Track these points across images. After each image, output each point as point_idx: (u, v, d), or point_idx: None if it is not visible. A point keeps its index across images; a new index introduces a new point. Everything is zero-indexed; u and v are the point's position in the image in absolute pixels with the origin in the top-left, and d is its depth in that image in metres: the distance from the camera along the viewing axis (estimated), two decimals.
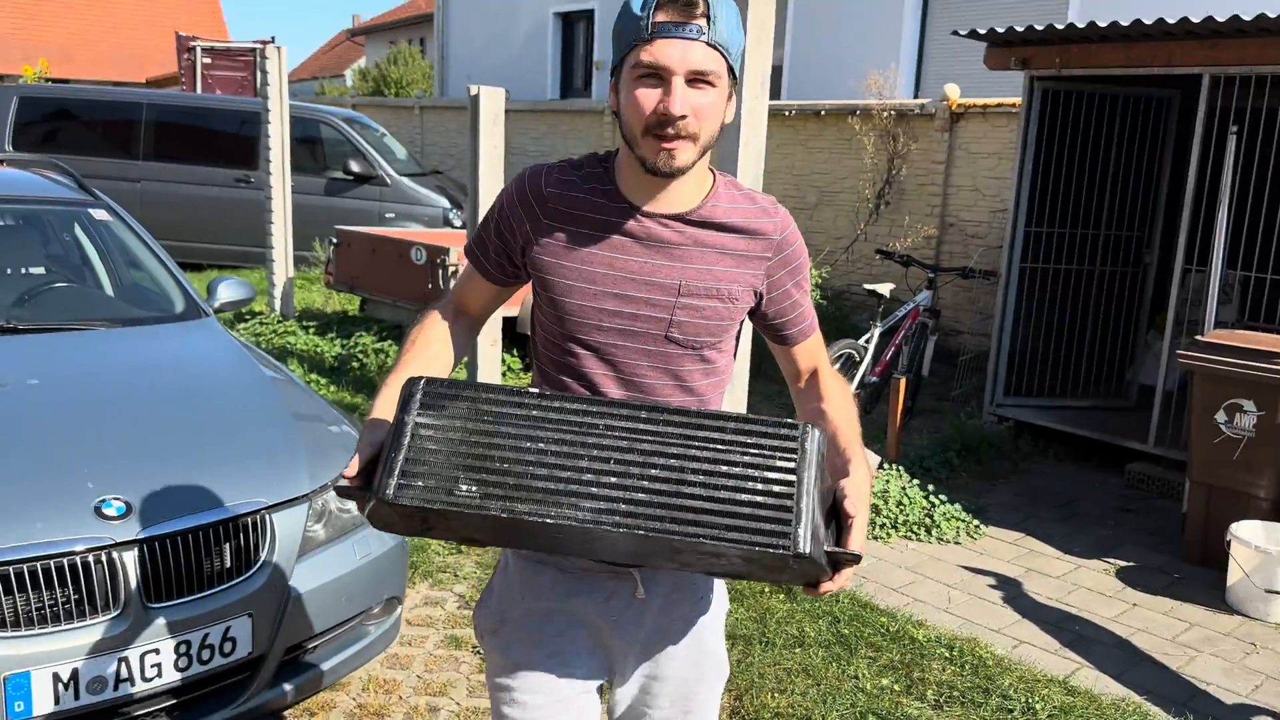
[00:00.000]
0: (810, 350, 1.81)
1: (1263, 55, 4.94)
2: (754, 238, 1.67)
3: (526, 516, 1.29)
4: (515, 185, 1.68)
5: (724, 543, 1.27)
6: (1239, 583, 4.11)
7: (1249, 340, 4.44)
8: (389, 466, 1.34)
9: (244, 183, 10.47)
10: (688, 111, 1.49)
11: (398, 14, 33.03)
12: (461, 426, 1.36)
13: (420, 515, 1.34)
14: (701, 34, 1.48)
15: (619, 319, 1.63)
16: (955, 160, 8.33)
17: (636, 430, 1.35)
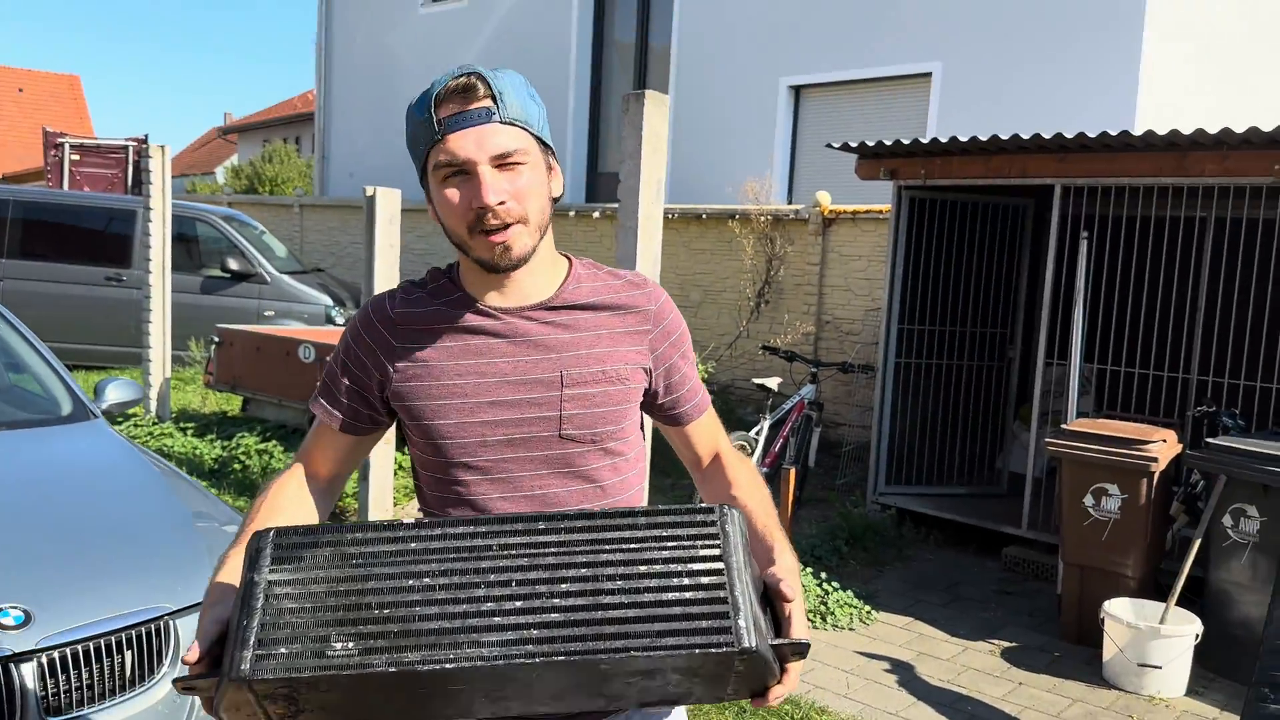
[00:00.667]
0: (707, 429, 1.68)
1: (1108, 169, 5.43)
2: (628, 312, 1.55)
3: (420, 666, 1.07)
4: (358, 318, 1.56)
5: (659, 651, 1.10)
6: (1114, 658, 4.34)
7: (1110, 428, 4.77)
8: (240, 638, 1.11)
9: (115, 281, 10.17)
10: (505, 197, 1.40)
11: (271, 113, 32.87)
12: (325, 577, 1.15)
13: (287, 694, 1.10)
14: (491, 116, 1.40)
15: (503, 428, 1.46)
16: (829, 262, 8.75)
17: (536, 545, 1.18)
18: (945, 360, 6.77)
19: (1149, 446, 4.59)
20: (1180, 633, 4.23)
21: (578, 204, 11.69)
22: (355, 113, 16.13)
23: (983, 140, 5.63)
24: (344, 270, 13.49)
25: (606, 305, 1.54)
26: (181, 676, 1.18)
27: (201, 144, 40.56)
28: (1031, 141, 5.49)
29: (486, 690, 1.14)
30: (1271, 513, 4.27)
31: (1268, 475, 4.23)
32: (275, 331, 7.66)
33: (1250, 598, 4.34)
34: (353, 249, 13.65)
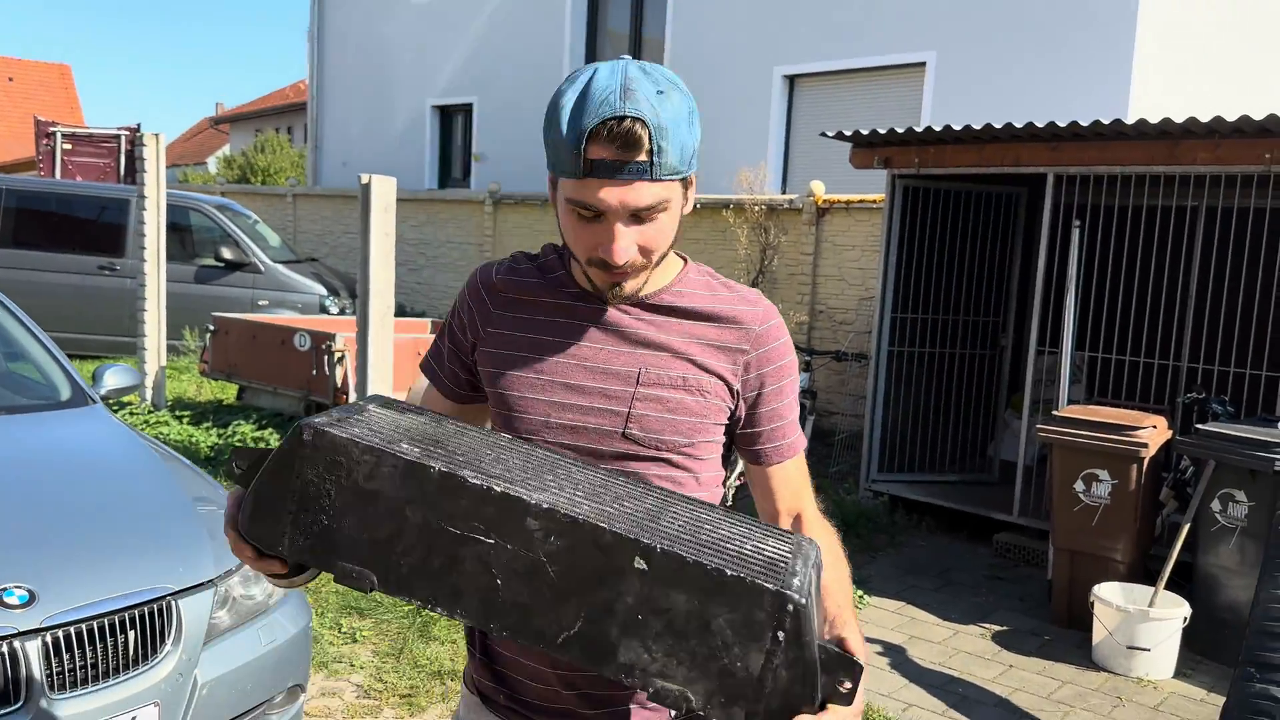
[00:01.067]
0: (792, 481, 1.52)
1: (1100, 157, 5.47)
2: (729, 327, 1.44)
3: (471, 478, 1.08)
4: (467, 282, 1.54)
5: (702, 560, 1.04)
6: (1103, 641, 4.39)
7: (1101, 414, 4.82)
8: (325, 414, 1.18)
9: (109, 270, 10.15)
10: (632, 256, 1.33)
11: (264, 102, 32.79)
12: (418, 423, 1.23)
13: (328, 483, 1.12)
14: (644, 173, 1.27)
15: (569, 413, 1.41)
16: (822, 251, 8.78)
17: (612, 480, 1.22)
18: (938, 349, 6.81)
19: (1139, 433, 4.63)
20: (1169, 616, 4.28)
21: None
22: (348, 102, 16.11)
23: (976, 129, 5.67)
24: (338, 260, 13.49)
25: (707, 314, 1.44)
26: (242, 447, 1.22)
27: (193, 134, 40.43)
28: (1024, 130, 5.52)
29: (506, 564, 1.08)
30: (1259, 498, 4.33)
31: (1256, 460, 4.28)
32: (271, 320, 7.67)
33: (1238, 581, 4.40)
34: (346, 239, 13.65)
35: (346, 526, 1.13)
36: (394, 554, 1.12)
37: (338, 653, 4.07)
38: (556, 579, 1.07)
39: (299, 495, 1.14)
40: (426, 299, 12.69)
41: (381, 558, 1.12)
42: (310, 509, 1.14)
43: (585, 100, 1.28)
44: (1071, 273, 5.66)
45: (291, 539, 1.15)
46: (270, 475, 1.15)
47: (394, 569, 1.12)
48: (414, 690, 3.78)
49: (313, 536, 1.14)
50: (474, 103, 14.18)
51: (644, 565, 1.04)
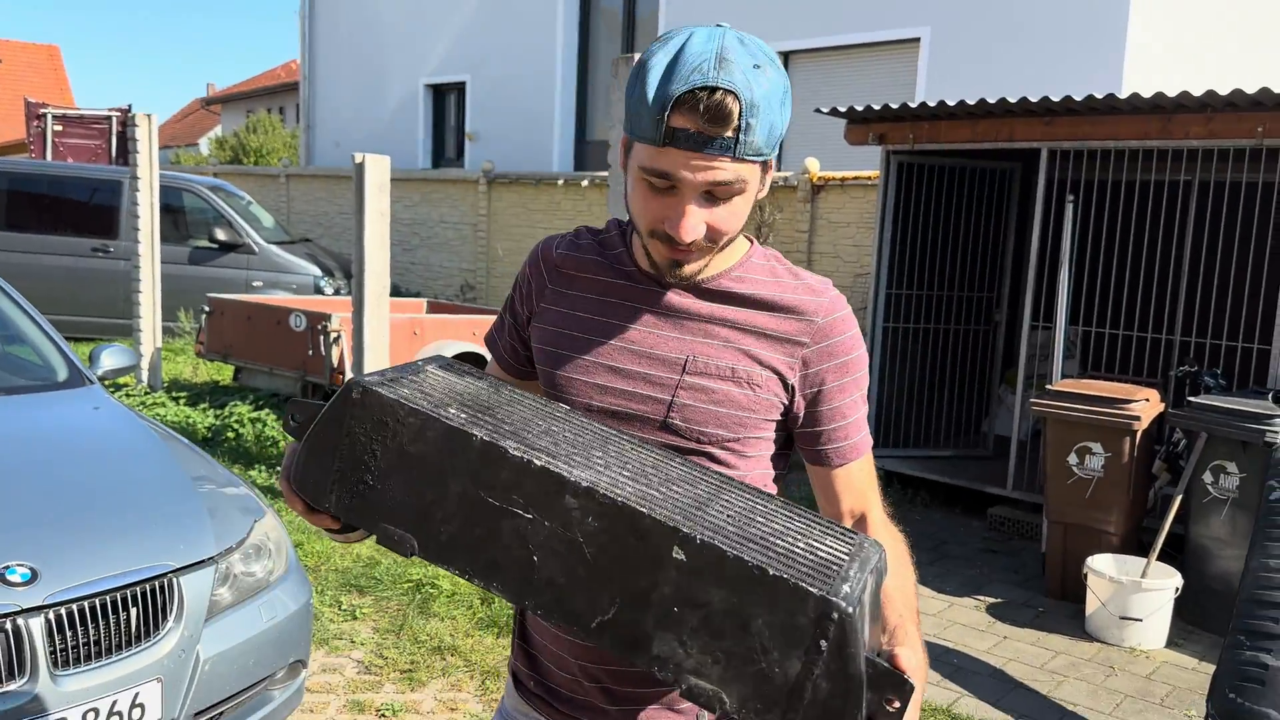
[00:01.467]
0: (855, 484, 1.40)
1: (1094, 131, 5.47)
2: (789, 317, 1.35)
3: (512, 450, 1.05)
4: (530, 255, 1.50)
5: (744, 555, 0.97)
6: (1096, 612, 4.44)
7: (1094, 388, 4.85)
8: (380, 373, 1.18)
9: (102, 252, 10.13)
10: (701, 234, 1.26)
11: (255, 83, 32.61)
12: (474, 387, 1.22)
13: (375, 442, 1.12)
14: (729, 150, 1.20)
15: (611, 396, 1.35)
16: (818, 229, 8.79)
17: (665, 461, 1.16)
18: (932, 325, 6.83)
19: (1132, 406, 4.66)
20: (1161, 586, 4.33)
21: (565, 173, 11.67)
22: (340, 81, 16.03)
23: (970, 105, 5.67)
24: (331, 240, 13.47)
25: (767, 302, 1.35)
26: (298, 400, 1.21)
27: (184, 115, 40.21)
28: (1018, 105, 5.52)
29: (545, 541, 1.05)
30: (1251, 469, 4.36)
31: (1247, 432, 4.31)
32: (266, 300, 7.67)
33: (1229, 552, 4.44)
34: (340, 219, 13.62)
35: (390, 488, 1.12)
36: (434, 520, 1.11)
37: (338, 629, 4.10)
38: (593, 561, 1.03)
39: (346, 453, 1.13)
40: (421, 279, 12.68)
41: (422, 523, 1.11)
42: (356, 468, 1.13)
43: (677, 64, 1.20)
44: (1065, 248, 5.67)
45: (338, 496, 1.15)
46: (320, 431, 1.15)
47: (434, 536, 1.11)
48: (414, 665, 3.82)
49: (358, 495, 1.14)
50: (467, 81, 14.11)
51: (682, 556, 0.99)
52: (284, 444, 6.42)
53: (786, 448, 1.44)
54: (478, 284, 11.94)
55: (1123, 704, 3.86)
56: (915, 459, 6.61)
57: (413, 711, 3.51)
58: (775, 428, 1.38)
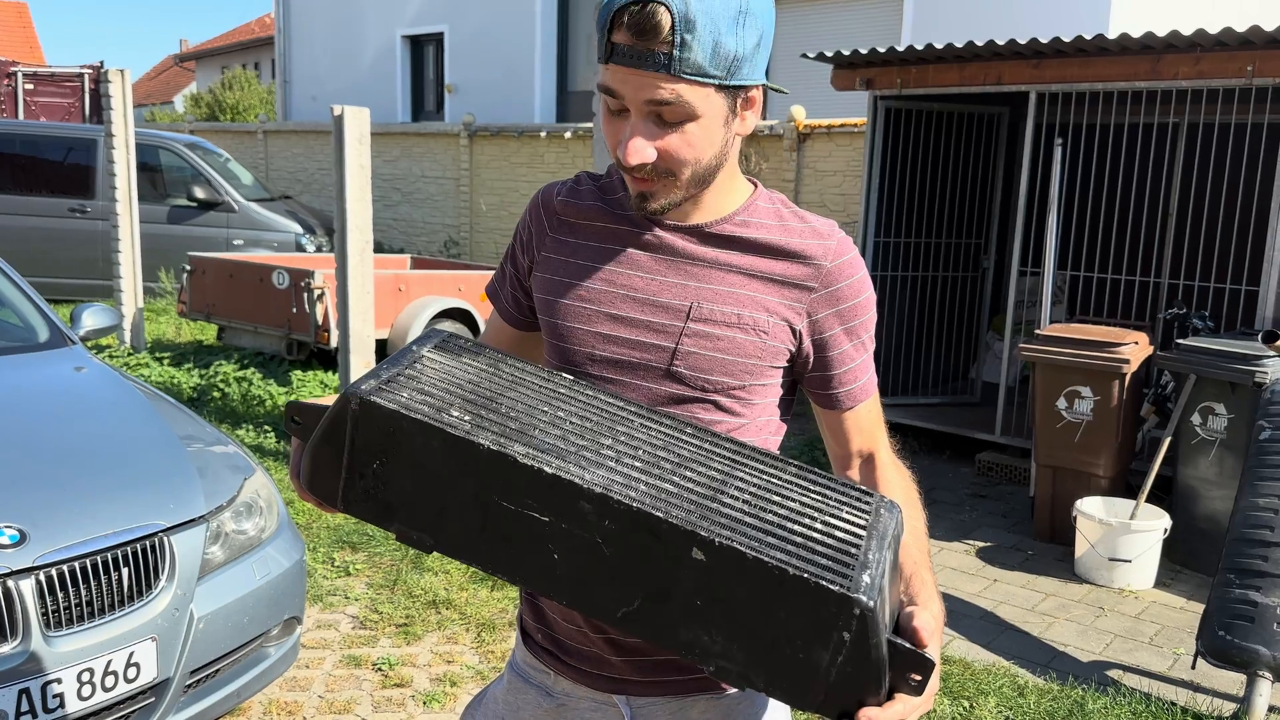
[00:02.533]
0: (864, 425, 1.40)
1: (1082, 74, 5.42)
2: (795, 261, 1.32)
3: (521, 458, 1.02)
4: (530, 202, 1.47)
5: (763, 556, 0.97)
6: (1085, 554, 4.47)
7: (1083, 332, 4.85)
8: (374, 373, 1.12)
9: (79, 213, 9.98)
10: (649, 157, 1.22)
11: (229, 38, 32.06)
12: (474, 372, 1.17)
13: (380, 447, 1.08)
14: (664, 66, 1.16)
15: (614, 345, 1.33)
16: (804, 178, 8.72)
17: (677, 438, 1.13)
18: (920, 272, 6.81)
19: (1121, 349, 4.67)
20: (1150, 528, 4.36)
21: (549, 125, 11.53)
22: (316, 34, 15.74)
23: (958, 47, 5.60)
24: (312, 197, 13.31)
25: (772, 247, 1.33)
26: (296, 401, 1.17)
27: (158, 72, 39.55)
28: (1007, 48, 5.46)
29: (563, 542, 1.04)
30: (1238, 410, 4.38)
31: (1235, 374, 4.32)
32: (248, 259, 7.59)
33: (1217, 493, 4.47)
34: (320, 175, 13.45)
35: (402, 490, 1.09)
36: (450, 520, 1.09)
37: (332, 586, 4.09)
38: (613, 559, 1.02)
39: (351, 461, 1.10)
40: (404, 236, 12.57)
41: (438, 522, 1.09)
42: (364, 474, 1.10)
43: None
44: (1053, 192, 5.64)
45: (349, 500, 1.13)
46: (323, 439, 1.12)
47: (452, 535, 1.09)
48: (410, 620, 3.82)
49: (370, 498, 1.12)
50: (445, 32, 13.88)
51: (701, 556, 0.99)
52: (270, 403, 6.38)
53: (792, 392, 1.42)
54: (461, 239, 11.84)
55: (1112, 644, 3.90)
56: (904, 406, 6.62)
57: (409, 665, 3.52)
58: (782, 374, 1.36)
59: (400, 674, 3.45)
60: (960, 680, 3.51)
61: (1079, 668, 3.70)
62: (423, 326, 6.83)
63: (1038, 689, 3.50)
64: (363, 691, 3.35)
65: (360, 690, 3.36)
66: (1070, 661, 3.75)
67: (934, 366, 6.96)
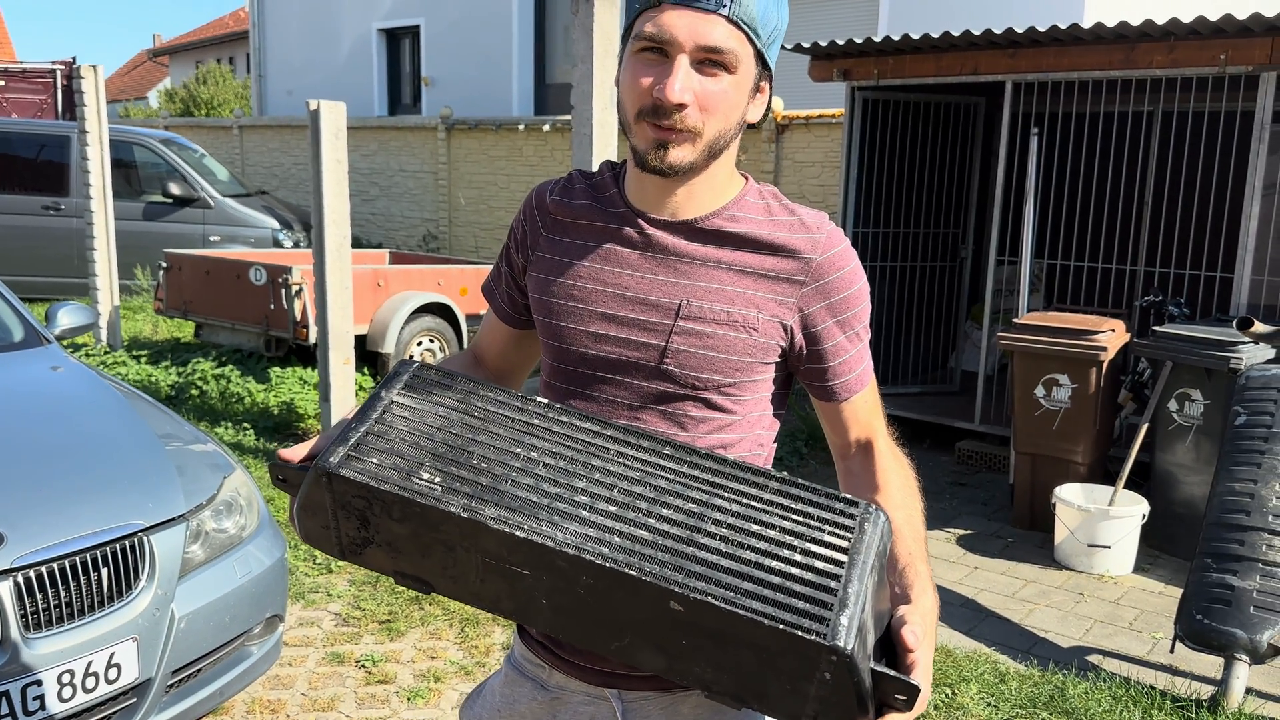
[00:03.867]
0: (859, 414, 1.41)
1: (1057, 63, 5.45)
2: (785, 256, 1.33)
3: (492, 523, 1.03)
4: (524, 202, 1.48)
5: (738, 610, 0.98)
6: (1065, 541, 4.51)
7: (1061, 320, 4.88)
8: (342, 436, 1.12)
9: (53, 210, 9.88)
10: (688, 99, 1.23)
11: (203, 33, 31.77)
12: (444, 415, 1.15)
13: (360, 510, 1.10)
14: (721, 6, 1.22)
15: (606, 344, 1.34)
16: (783, 169, 8.74)
17: (654, 465, 1.12)
18: (899, 262, 6.84)
19: (1098, 336, 4.70)
20: (1128, 514, 4.40)
21: (526, 117, 11.50)
22: (291, 28, 15.62)
23: (934, 38, 5.61)
24: (288, 192, 13.22)
25: (762, 242, 1.33)
26: (277, 464, 1.18)
27: (131, 68, 39.16)
28: (982, 38, 5.48)
29: (549, 591, 1.06)
30: (1214, 396, 4.43)
31: (1211, 360, 4.37)
32: (225, 255, 7.53)
33: (1194, 478, 4.52)
34: (296, 170, 13.36)
35: (392, 542, 1.11)
36: (442, 568, 1.11)
37: (314, 583, 4.08)
38: (596, 609, 1.05)
39: (336, 523, 1.13)
40: (382, 230, 12.50)
41: (432, 569, 1.12)
42: (350, 533, 1.13)
43: None
44: (1030, 181, 5.67)
45: (345, 553, 1.16)
46: (306, 501, 1.14)
47: (445, 580, 1.12)
48: (393, 616, 3.81)
49: (363, 552, 1.14)
50: (421, 24, 13.81)
51: (679, 608, 1.00)
52: (249, 400, 6.34)
53: (786, 386, 1.43)
54: (440, 234, 11.79)
55: (1092, 629, 3.94)
56: (884, 395, 6.55)
57: (393, 661, 3.51)
58: (774, 369, 1.37)
59: (384, 670, 3.44)
60: (942, 668, 3.54)
61: (1059, 653, 3.74)
62: (402, 321, 6.80)
63: (1019, 675, 3.54)
64: (346, 689, 3.34)
65: (344, 687, 3.35)
66: (1051, 647, 3.79)
67: (913, 355, 6.99)
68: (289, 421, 6.14)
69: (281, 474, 1.18)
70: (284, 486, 1.19)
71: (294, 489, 1.17)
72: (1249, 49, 4.90)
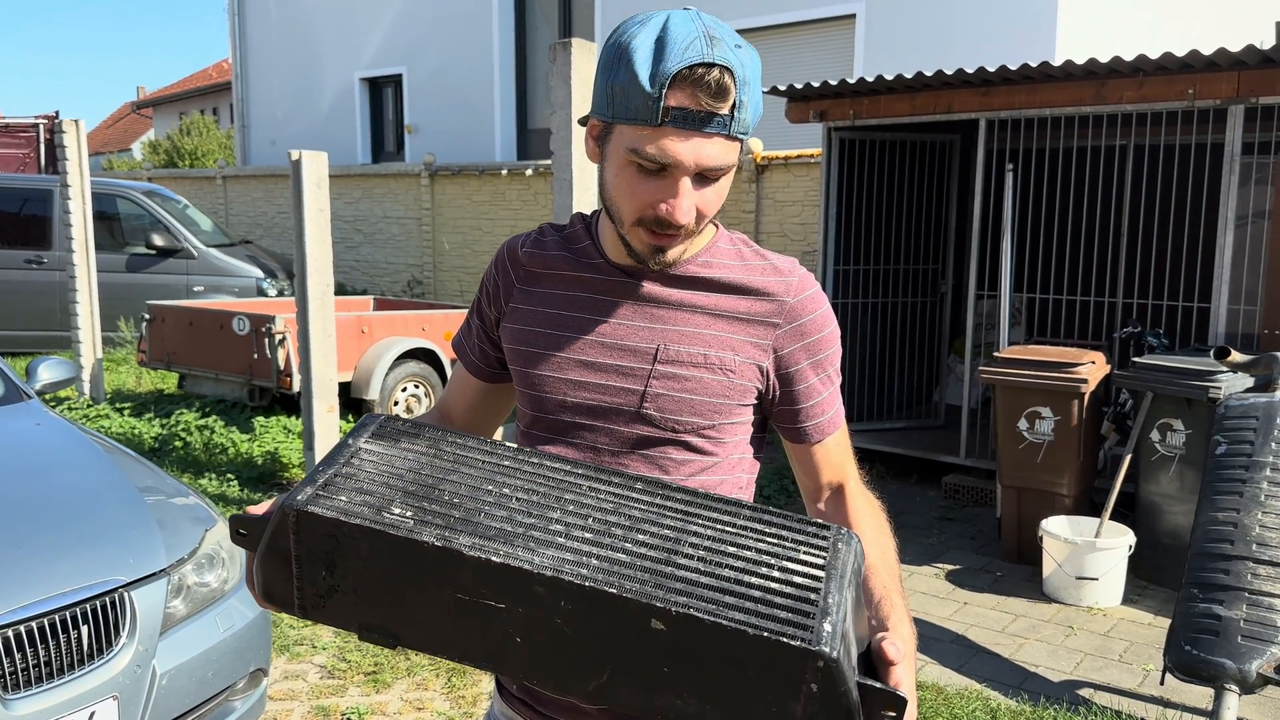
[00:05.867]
0: (832, 456, 1.42)
1: (1030, 100, 5.53)
2: (757, 298, 1.35)
3: (468, 550, 1.02)
4: (495, 255, 1.48)
5: (721, 620, 0.97)
6: (1053, 574, 4.51)
7: (1041, 353, 4.92)
8: (310, 477, 1.10)
9: (36, 264, 9.87)
10: (693, 217, 1.25)
11: (186, 84, 31.97)
12: (414, 459, 1.15)
13: (327, 553, 1.06)
14: (724, 128, 1.20)
15: (585, 391, 1.35)
16: (764, 208, 8.81)
17: (627, 497, 1.12)
18: (880, 299, 6.88)
19: (1078, 369, 4.73)
20: (1115, 545, 4.41)
21: (509, 162, 11.58)
22: (274, 78, 15.74)
23: (908, 78, 5.70)
24: (272, 241, 13.25)
25: (736, 286, 1.35)
26: (238, 515, 1.14)
27: (115, 120, 39.32)
28: (955, 77, 5.56)
29: (525, 625, 1.04)
30: (1196, 425, 4.45)
31: (1191, 390, 4.40)
32: (208, 305, 7.53)
33: (1178, 508, 4.53)
34: (280, 219, 13.40)
35: (356, 592, 1.08)
36: (409, 616, 1.08)
37: (299, 635, 4.04)
38: (575, 638, 1.03)
39: (300, 571, 1.10)
40: (367, 277, 12.52)
41: (398, 618, 1.09)
42: (315, 580, 1.09)
43: (666, 44, 1.19)
44: (1006, 216, 5.74)
45: (305, 607, 1.12)
46: (268, 552, 1.11)
47: (413, 628, 1.09)
48: (378, 667, 3.78)
49: (326, 603, 1.11)
50: (403, 73, 13.93)
51: (661, 626, 0.99)
52: (232, 451, 6.31)
53: (762, 429, 1.44)
54: (425, 279, 11.82)
55: (1083, 662, 3.93)
56: (869, 432, 6.66)
57: (379, 713, 3.47)
58: (752, 410, 1.38)
59: None
60: (933, 705, 3.52)
61: (1050, 688, 3.72)
62: (387, 367, 6.79)
63: (1010, 711, 3.52)
64: None
65: None
66: (1041, 682, 3.77)
67: (898, 391, 7.02)
68: (273, 471, 6.11)
69: (241, 527, 1.14)
70: (242, 541, 1.15)
71: (254, 543, 1.13)
72: (1216, 83, 4.99)
